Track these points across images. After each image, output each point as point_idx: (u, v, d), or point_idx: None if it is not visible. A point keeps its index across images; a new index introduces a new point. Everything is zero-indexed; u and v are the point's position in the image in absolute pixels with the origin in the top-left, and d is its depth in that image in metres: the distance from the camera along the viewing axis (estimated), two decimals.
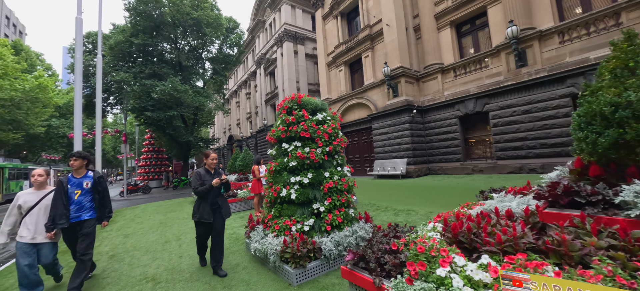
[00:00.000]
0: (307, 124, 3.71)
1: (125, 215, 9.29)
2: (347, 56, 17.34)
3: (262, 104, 29.68)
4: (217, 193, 3.60)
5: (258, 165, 7.13)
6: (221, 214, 3.60)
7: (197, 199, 3.56)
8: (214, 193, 3.55)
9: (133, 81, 17.22)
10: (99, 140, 9.28)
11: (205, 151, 3.67)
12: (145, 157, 27.28)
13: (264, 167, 7.40)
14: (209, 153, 3.64)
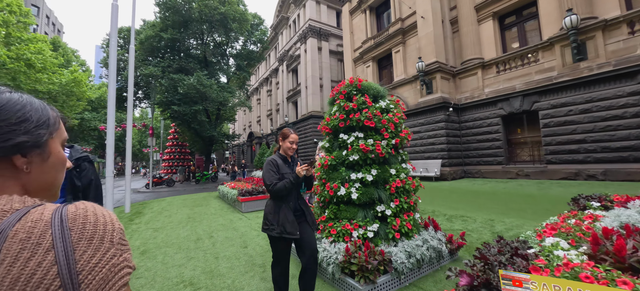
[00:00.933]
0: (371, 111, 3.13)
1: (153, 207, 9.15)
2: (376, 52, 16.60)
3: (283, 101, 29.46)
4: (298, 193, 2.45)
5: None
6: (308, 223, 2.40)
7: (271, 203, 2.32)
8: (295, 192, 2.38)
9: (161, 75, 17.42)
10: (130, 132, 9.22)
11: (282, 131, 2.40)
12: (169, 151, 27.83)
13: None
14: (288, 131, 2.39)
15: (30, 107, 0.53)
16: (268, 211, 2.29)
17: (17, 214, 0.45)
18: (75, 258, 0.43)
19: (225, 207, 8.35)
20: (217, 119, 23.10)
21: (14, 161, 0.51)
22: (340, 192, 3.03)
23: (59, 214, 0.46)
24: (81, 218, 0.47)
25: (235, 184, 9.56)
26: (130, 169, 8.55)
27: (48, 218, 0.45)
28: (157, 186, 19.02)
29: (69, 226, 0.45)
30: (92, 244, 0.45)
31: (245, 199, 7.27)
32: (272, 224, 2.21)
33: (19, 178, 0.52)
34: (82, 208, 0.49)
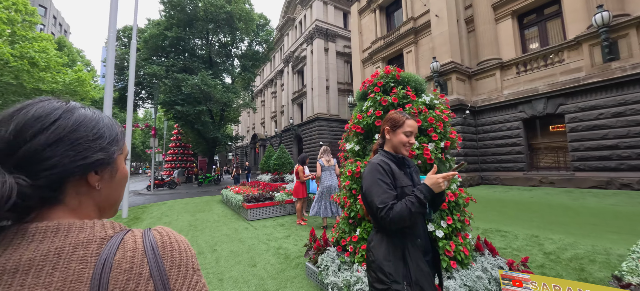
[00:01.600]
0: (416, 107, 2.53)
1: (152, 212, 8.59)
2: (386, 52, 16.02)
3: (288, 103, 28.97)
4: (424, 222, 1.49)
5: (303, 165, 6.06)
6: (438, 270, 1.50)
7: (382, 240, 1.33)
8: (422, 221, 1.45)
9: (165, 74, 17.00)
10: (129, 131, 8.72)
11: (390, 116, 1.49)
12: (172, 152, 27.41)
13: (307, 168, 6.33)
14: (400, 116, 1.45)
15: (103, 124, 0.54)
16: (381, 256, 1.29)
17: (114, 242, 0.47)
18: (170, 286, 0.47)
19: (229, 213, 7.76)
20: (221, 120, 22.65)
21: (88, 179, 0.51)
22: None
23: (149, 243, 0.49)
24: (168, 246, 0.50)
25: (239, 189, 8.98)
26: (128, 171, 7.99)
27: (142, 247, 0.48)
28: (159, 188, 18.52)
29: (160, 255, 0.48)
30: (180, 271, 0.49)
31: (251, 206, 6.67)
32: (395, 280, 1.23)
33: (92, 196, 0.52)
34: (166, 235, 0.51)
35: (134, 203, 11.63)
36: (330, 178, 5.49)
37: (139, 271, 0.44)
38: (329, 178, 5.47)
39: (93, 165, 0.50)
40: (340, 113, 24.01)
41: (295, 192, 6.03)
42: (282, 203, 7.09)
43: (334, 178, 5.53)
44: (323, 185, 5.44)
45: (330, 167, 5.52)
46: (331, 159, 5.59)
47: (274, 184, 8.38)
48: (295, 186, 6.04)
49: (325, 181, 5.45)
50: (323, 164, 5.46)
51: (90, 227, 0.47)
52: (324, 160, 5.50)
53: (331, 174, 5.52)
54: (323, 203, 5.41)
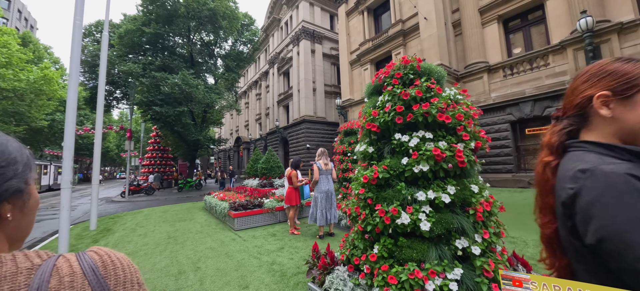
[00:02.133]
0: (444, 101, 2.17)
1: (125, 223, 7.76)
2: (374, 54, 15.89)
3: (273, 105, 28.31)
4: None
5: (297, 169, 5.60)
6: None
7: None
8: None
9: (142, 72, 15.91)
10: (99, 133, 7.86)
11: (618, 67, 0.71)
12: (149, 156, 25.91)
13: (299, 173, 5.87)
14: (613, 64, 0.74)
15: (12, 148, 0.49)
16: None
17: (45, 269, 0.44)
18: None
19: (213, 222, 7.12)
20: (203, 122, 21.61)
21: (0, 210, 0.46)
22: (402, 219, 2.02)
23: (87, 265, 0.47)
24: (110, 265, 0.49)
25: (224, 195, 8.33)
26: (97, 177, 7.18)
27: (80, 270, 0.45)
28: (135, 195, 17.28)
29: (103, 275, 0.46)
30: (126, 288, 0.48)
31: (238, 215, 6.10)
32: None
33: (2, 228, 0.47)
34: (106, 255, 0.50)
35: (106, 212, 10.62)
36: (328, 182, 5.07)
37: None
38: (326, 183, 5.05)
39: (5, 194, 0.46)
40: (327, 116, 23.70)
41: (287, 198, 5.54)
42: (272, 210, 6.57)
43: (330, 182, 5.12)
44: (320, 190, 5.00)
45: (328, 171, 5.10)
46: (329, 162, 5.18)
47: (262, 190, 7.81)
48: (288, 192, 5.56)
49: (322, 185, 5.02)
50: (321, 167, 5.03)
51: (11, 259, 0.44)
52: (322, 163, 5.08)
53: (328, 179, 5.10)
54: (319, 210, 4.98)
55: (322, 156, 5.21)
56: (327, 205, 4.99)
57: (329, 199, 5.00)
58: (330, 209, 5.01)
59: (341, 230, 5.57)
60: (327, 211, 4.97)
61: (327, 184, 5.05)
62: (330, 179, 5.14)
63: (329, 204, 5.00)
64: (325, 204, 4.98)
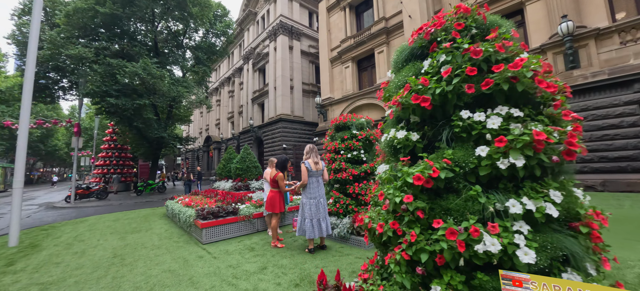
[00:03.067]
0: (530, 67, 1.42)
1: (61, 235, 6.22)
2: (356, 52, 15.38)
3: (248, 103, 26.79)
4: None
5: (284, 171, 4.67)
6: None
7: None
8: None
9: (94, 58, 13.82)
10: (25, 127, 6.30)
11: None
12: (104, 156, 23.07)
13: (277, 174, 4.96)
14: None
15: None
16: None
17: None
18: None
19: (176, 233, 5.91)
20: (168, 118, 19.59)
21: None
22: (487, 245, 1.23)
23: None
24: None
25: (191, 200, 7.10)
26: (21, 180, 5.63)
27: None
28: (83, 200, 14.97)
29: None
30: None
31: (207, 224, 5.01)
32: None
33: None
34: None
35: (40, 221, 8.75)
36: (318, 186, 4.22)
37: None
38: (317, 187, 4.20)
39: None
40: (305, 115, 22.81)
41: (269, 205, 4.58)
42: (249, 218, 5.54)
43: (321, 186, 4.27)
44: (310, 195, 4.13)
45: (319, 172, 4.24)
46: (319, 161, 4.32)
47: (236, 194, 6.69)
48: (270, 197, 4.60)
49: (312, 190, 4.16)
50: (310, 167, 4.16)
51: None
52: (312, 162, 4.21)
53: (319, 182, 4.25)
54: (308, 220, 4.10)
55: (312, 153, 4.35)
56: (319, 213, 4.13)
57: (319, 206, 4.15)
58: (323, 218, 4.16)
59: (334, 242, 4.74)
60: (321, 221, 4.12)
61: (317, 188, 4.20)
62: (321, 182, 4.29)
63: (320, 212, 4.15)
64: (316, 212, 4.12)
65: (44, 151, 47.06)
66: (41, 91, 16.71)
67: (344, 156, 5.07)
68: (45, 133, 44.73)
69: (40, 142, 44.45)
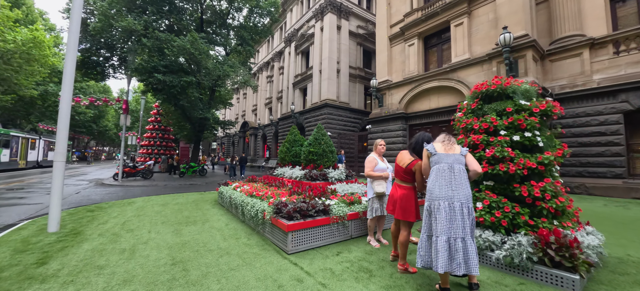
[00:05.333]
0: None
1: (107, 221, 5.20)
2: (424, 26, 13.13)
3: (288, 87, 25.57)
4: None
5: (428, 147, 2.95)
6: None
7: None
8: None
9: (143, 31, 13.20)
10: (68, 93, 5.34)
11: None
12: (148, 136, 23.36)
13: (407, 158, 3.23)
14: None
15: None
16: None
17: None
18: None
19: (240, 230, 4.56)
20: (210, 99, 18.93)
21: None
22: None
23: None
24: None
25: (251, 187, 5.76)
26: (64, 153, 4.59)
27: None
28: (129, 178, 14.77)
29: None
30: None
31: (295, 227, 3.53)
32: None
33: None
34: None
35: (88, 200, 8.06)
36: (453, 180, 2.41)
37: None
38: (449, 181, 2.41)
39: None
40: (350, 101, 20.99)
41: (402, 208, 2.92)
42: (343, 219, 3.99)
43: (460, 180, 2.43)
44: (434, 195, 2.43)
45: (455, 158, 2.48)
46: (455, 145, 2.58)
47: (314, 184, 5.18)
48: (402, 197, 2.94)
49: (439, 186, 2.43)
50: (435, 150, 2.51)
51: None
52: (442, 146, 2.51)
53: (453, 174, 2.44)
54: (441, 237, 2.34)
55: (443, 137, 2.61)
56: (456, 228, 2.33)
57: (454, 214, 2.35)
58: (464, 236, 2.33)
59: (495, 271, 2.99)
60: (458, 241, 2.32)
61: (450, 184, 2.40)
62: (459, 176, 2.46)
63: (458, 225, 2.34)
64: (448, 225, 2.33)
65: (97, 131, 50.68)
66: (93, 67, 16.73)
67: (506, 139, 3.25)
68: (97, 114, 48.02)
69: (93, 122, 47.76)
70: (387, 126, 14.14)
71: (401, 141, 13.34)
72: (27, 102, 29.01)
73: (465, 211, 2.35)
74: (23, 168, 21.50)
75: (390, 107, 14.32)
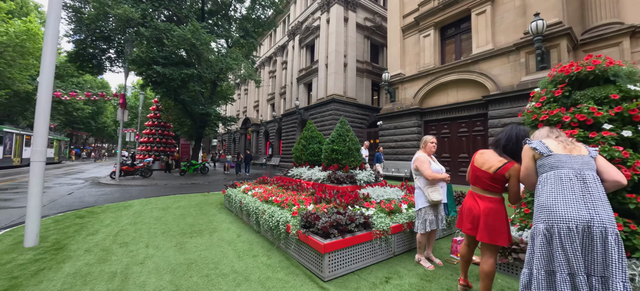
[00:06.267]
0: None
1: (97, 231, 4.43)
2: (442, 15, 12.30)
3: (292, 83, 24.73)
4: None
5: (516, 156, 2.15)
6: None
7: None
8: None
9: (141, 20, 12.35)
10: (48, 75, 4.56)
11: None
12: (148, 132, 22.54)
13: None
14: None
15: None
16: None
17: None
18: None
19: (257, 244, 3.80)
20: (211, 94, 18.11)
21: None
22: None
23: None
24: None
25: (265, 191, 4.99)
26: (42, 152, 3.81)
27: None
28: (127, 176, 14.00)
29: None
30: None
31: (333, 246, 2.77)
32: None
33: None
34: None
35: (80, 203, 7.28)
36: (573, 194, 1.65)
37: None
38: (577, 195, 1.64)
39: None
40: (358, 97, 20.18)
41: (489, 228, 2.14)
42: (386, 234, 3.23)
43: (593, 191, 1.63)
44: (544, 215, 1.67)
45: (586, 162, 1.71)
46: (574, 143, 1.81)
47: (342, 189, 4.34)
48: (494, 212, 2.15)
49: (553, 203, 1.67)
50: (549, 150, 1.78)
51: None
52: (553, 141, 1.80)
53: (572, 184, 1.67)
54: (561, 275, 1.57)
55: (549, 131, 1.87)
56: (598, 263, 1.54)
57: (599, 244, 1.57)
58: (611, 276, 1.55)
59: None
60: (600, 283, 1.53)
61: (591, 200, 1.61)
62: (591, 185, 1.66)
63: (600, 259, 1.55)
64: (588, 258, 1.55)
65: (95, 128, 49.77)
66: (89, 60, 15.88)
67: (613, 135, 2.48)
68: (95, 110, 47.10)
69: (92, 119, 46.86)
70: (400, 122, 13.36)
71: (416, 138, 12.57)
72: (22, 98, 28.13)
73: (611, 240, 1.57)
74: (18, 165, 20.70)
75: (403, 102, 13.53)
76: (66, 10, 14.16)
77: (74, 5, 14.05)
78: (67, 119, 40.20)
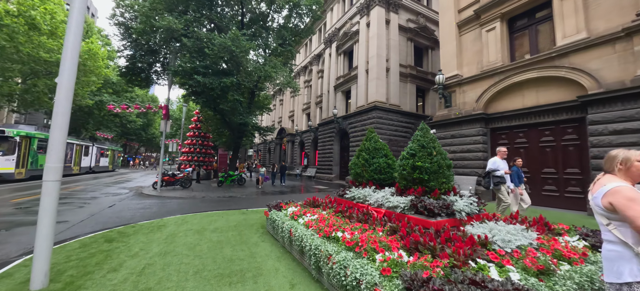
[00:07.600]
0: None
1: (126, 258, 3.61)
2: (510, 4, 10.44)
3: (329, 91, 23.84)
4: None
5: None
6: None
7: None
8: None
9: (184, 30, 12.35)
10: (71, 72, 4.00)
11: None
12: (189, 143, 23.10)
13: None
14: None
15: None
16: None
17: None
18: None
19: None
20: (249, 104, 17.81)
21: None
22: None
23: None
24: None
25: (323, 220, 3.83)
26: (58, 168, 3.07)
27: None
28: (168, 187, 13.97)
29: None
30: None
31: None
32: None
33: None
34: None
35: (115, 219, 6.78)
36: None
37: None
38: None
39: None
40: (401, 103, 18.52)
41: None
42: None
43: None
44: None
45: None
46: None
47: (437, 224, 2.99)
48: None
49: None
50: None
51: None
52: None
53: None
54: None
55: None
56: None
57: None
58: None
59: None
60: None
61: None
62: None
63: None
64: None
65: (145, 138, 53.90)
66: (137, 74, 16.59)
67: None
68: (146, 122, 51.05)
69: (142, 130, 50.83)
70: (459, 130, 11.52)
71: (481, 148, 10.64)
72: (85, 112, 31.08)
73: None
74: (77, 173, 22.39)
75: (462, 107, 11.69)
76: (118, 27, 14.90)
77: (125, 22, 14.69)
78: (122, 130, 44.00)
